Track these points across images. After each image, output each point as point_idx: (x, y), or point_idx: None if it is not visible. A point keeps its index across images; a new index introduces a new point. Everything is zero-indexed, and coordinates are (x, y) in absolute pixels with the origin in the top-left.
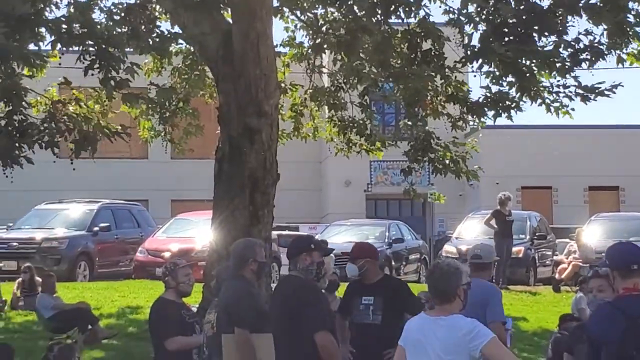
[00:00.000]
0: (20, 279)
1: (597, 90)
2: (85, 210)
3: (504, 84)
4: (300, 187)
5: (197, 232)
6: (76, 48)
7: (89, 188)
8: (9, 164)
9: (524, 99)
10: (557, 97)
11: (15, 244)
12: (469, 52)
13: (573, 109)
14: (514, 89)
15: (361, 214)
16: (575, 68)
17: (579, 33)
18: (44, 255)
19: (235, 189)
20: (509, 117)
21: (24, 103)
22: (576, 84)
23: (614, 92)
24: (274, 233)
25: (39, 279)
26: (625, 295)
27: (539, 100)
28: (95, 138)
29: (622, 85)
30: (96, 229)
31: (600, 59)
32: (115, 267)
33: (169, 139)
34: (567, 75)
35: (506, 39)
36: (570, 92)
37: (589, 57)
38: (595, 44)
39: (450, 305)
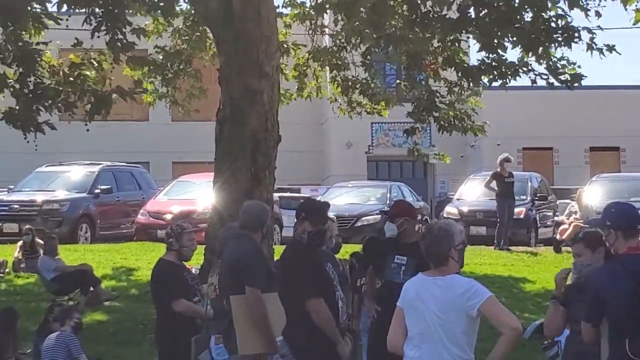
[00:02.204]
0: (21, 241)
1: (561, 78)
2: (87, 172)
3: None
4: (301, 149)
5: (198, 194)
6: (82, 10)
7: (90, 150)
8: (30, 129)
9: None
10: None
11: (16, 206)
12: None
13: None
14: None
15: (362, 176)
16: (547, 45)
17: (555, 16)
18: (45, 217)
19: (237, 150)
20: (504, 84)
21: (38, 66)
22: (541, 65)
23: (576, 84)
24: (275, 195)
25: (40, 241)
26: (632, 254)
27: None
28: (111, 100)
29: (585, 76)
30: (97, 191)
31: (573, 42)
32: (116, 229)
33: (172, 100)
34: (539, 53)
35: (485, 10)
36: (536, 74)
37: (560, 38)
38: (570, 27)
39: (445, 267)
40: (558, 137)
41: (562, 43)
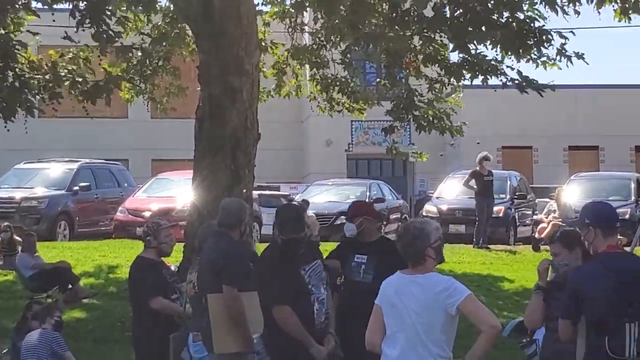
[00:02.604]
0: None
1: (532, 84)
2: (65, 169)
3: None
4: (281, 147)
5: (177, 192)
6: (66, 5)
7: (68, 147)
8: (12, 117)
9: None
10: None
11: None
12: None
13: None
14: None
15: (342, 174)
16: (520, 49)
17: (528, 18)
18: (24, 214)
19: (216, 148)
20: (485, 81)
21: (18, 59)
22: (513, 72)
23: (545, 90)
24: (255, 193)
25: (18, 238)
26: (611, 253)
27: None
28: (109, 86)
29: (553, 90)
30: (76, 188)
31: (545, 46)
32: (95, 226)
33: (151, 97)
34: (509, 54)
35: (460, 10)
36: (508, 78)
37: (533, 41)
38: (543, 30)
39: (423, 265)
40: (537, 136)
41: (534, 47)
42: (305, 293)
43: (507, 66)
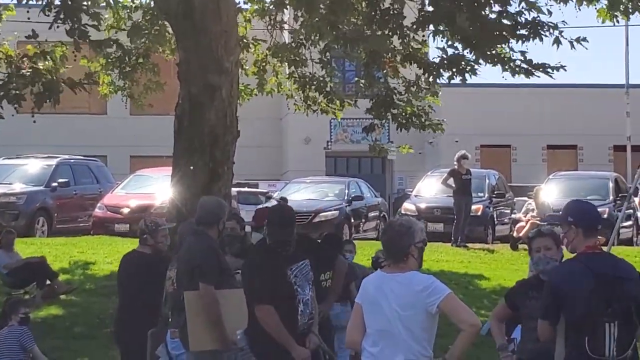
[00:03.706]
0: None
1: (541, 68)
2: (44, 165)
3: (460, 46)
4: (260, 144)
5: (156, 189)
6: (39, 2)
7: (46, 143)
8: None
9: (480, 61)
10: (505, 67)
11: None
12: (417, 19)
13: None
14: (472, 53)
15: (321, 172)
16: (511, 40)
17: (522, 7)
18: (2, 210)
19: (195, 145)
20: (463, 80)
21: None
22: (522, 58)
23: (557, 71)
24: (233, 190)
25: None
26: (590, 253)
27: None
28: (58, 89)
29: (565, 70)
30: (55, 184)
31: (538, 37)
32: (73, 222)
33: (129, 94)
34: (508, 45)
35: (453, 6)
36: (516, 64)
37: (526, 32)
38: (536, 22)
39: (404, 263)
40: (516, 135)
41: (531, 37)
42: (291, 295)
43: (511, 50)
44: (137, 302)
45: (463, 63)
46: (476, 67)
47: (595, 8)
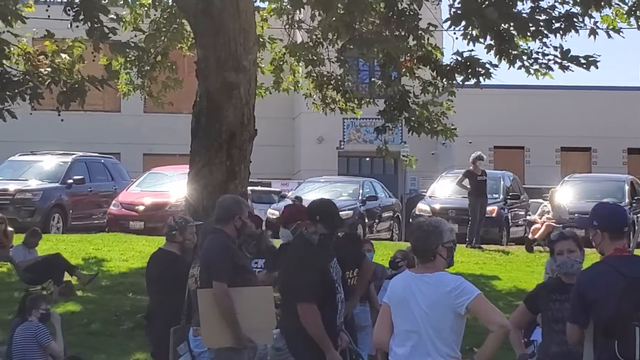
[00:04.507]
0: None
1: (575, 61)
2: (59, 162)
3: (483, 47)
4: (272, 143)
5: (171, 186)
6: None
7: (60, 140)
8: None
9: (502, 60)
10: (535, 62)
11: None
12: (451, 15)
13: (552, 70)
14: (492, 52)
15: (333, 171)
16: (548, 35)
17: (555, 1)
18: (18, 206)
19: (212, 143)
20: (477, 84)
21: (5, 56)
22: (556, 52)
23: (591, 66)
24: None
25: (11, 229)
26: (618, 256)
27: (518, 64)
28: (84, 88)
29: (597, 65)
30: (70, 181)
31: (573, 30)
32: (88, 219)
33: (148, 92)
34: (544, 41)
35: (486, 2)
36: (550, 59)
37: (562, 26)
38: (570, 14)
39: (432, 263)
40: (529, 137)
41: (566, 30)
42: (333, 293)
43: (542, 47)
44: (165, 300)
45: (477, 66)
46: (491, 70)
47: (601, 14)
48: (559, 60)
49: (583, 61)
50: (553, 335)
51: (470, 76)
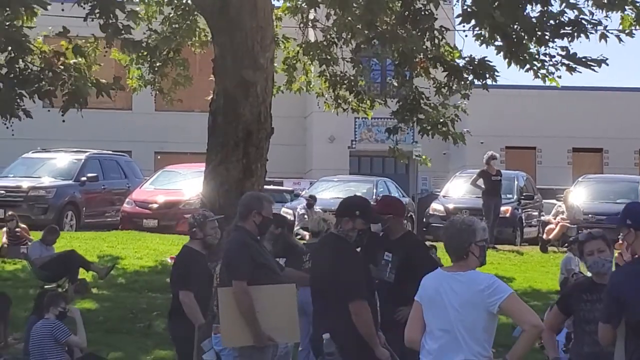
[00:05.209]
0: (5, 227)
1: (583, 62)
2: (73, 160)
3: (493, 48)
4: (284, 142)
5: (184, 184)
6: None
7: (71, 138)
8: (8, 117)
9: (511, 63)
10: (544, 65)
11: (2, 192)
12: (463, 12)
13: (560, 77)
14: (501, 54)
15: (345, 170)
16: (555, 40)
17: (564, 5)
18: (31, 204)
19: (229, 141)
20: (485, 86)
21: (27, 52)
22: (563, 53)
23: (600, 66)
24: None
25: (24, 226)
26: None
27: (527, 66)
28: (86, 92)
29: (607, 64)
30: (83, 178)
31: (582, 34)
32: (101, 217)
33: (158, 88)
34: (551, 45)
35: (496, 3)
36: (557, 61)
37: (570, 31)
38: (579, 20)
39: (465, 261)
40: (541, 137)
41: (575, 36)
42: (372, 291)
43: (549, 51)
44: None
45: (485, 69)
46: (497, 73)
47: (621, 15)
48: (566, 62)
49: (590, 63)
50: (585, 336)
51: (478, 78)
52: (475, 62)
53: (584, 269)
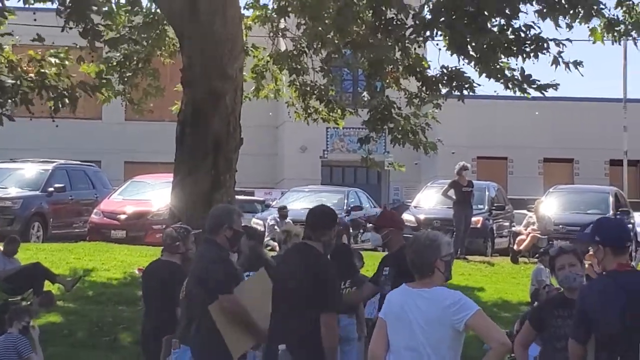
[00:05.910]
0: None
1: (534, 85)
2: (40, 170)
3: (464, 59)
4: (255, 152)
5: (153, 195)
6: (48, 5)
7: (40, 147)
8: None
9: (482, 74)
10: (513, 76)
11: None
12: (417, 23)
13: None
14: (473, 64)
15: (316, 180)
16: (517, 55)
17: (524, 25)
18: None
19: (198, 152)
20: (461, 97)
21: None
22: (518, 73)
23: (549, 90)
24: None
25: None
26: (621, 271)
27: (498, 76)
28: (75, 95)
29: (556, 89)
30: (51, 189)
31: (542, 52)
32: (69, 228)
33: (128, 99)
34: (512, 59)
35: (454, 15)
36: (514, 78)
37: (530, 48)
38: (540, 37)
39: (430, 278)
40: (512, 148)
41: (531, 54)
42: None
43: (509, 68)
44: (163, 311)
45: (462, 80)
46: (475, 84)
47: (588, 27)
48: (519, 82)
49: (542, 86)
50: (556, 353)
51: (454, 89)
52: (452, 74)
53: (555, 282)
